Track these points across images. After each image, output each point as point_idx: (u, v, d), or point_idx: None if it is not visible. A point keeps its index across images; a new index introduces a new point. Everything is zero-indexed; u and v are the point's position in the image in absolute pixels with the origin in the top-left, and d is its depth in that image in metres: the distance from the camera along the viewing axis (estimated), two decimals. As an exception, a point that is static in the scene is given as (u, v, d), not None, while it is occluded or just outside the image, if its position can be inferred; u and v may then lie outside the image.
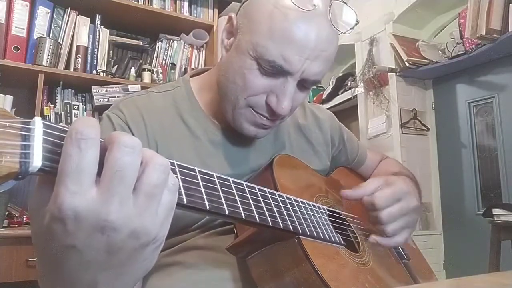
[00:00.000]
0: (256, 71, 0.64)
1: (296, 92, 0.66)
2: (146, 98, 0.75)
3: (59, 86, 2.13)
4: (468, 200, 2.46)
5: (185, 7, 2.45)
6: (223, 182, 0.47)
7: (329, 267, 0.58)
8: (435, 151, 2.68)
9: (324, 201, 0.72)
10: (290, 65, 0.62)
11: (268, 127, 0.69)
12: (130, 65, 2.32)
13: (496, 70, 2.34)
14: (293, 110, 0.70)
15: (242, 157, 0.74)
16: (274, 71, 0.63)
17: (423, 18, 2.71)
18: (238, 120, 0.68)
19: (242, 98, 0.66)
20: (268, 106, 0.65)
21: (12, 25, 1.95)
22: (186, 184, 0.41)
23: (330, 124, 0.92)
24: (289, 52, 0.61)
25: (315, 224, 0.60)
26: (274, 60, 0.61)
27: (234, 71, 0.66)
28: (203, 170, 0.44)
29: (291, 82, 0.64)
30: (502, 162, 2.29)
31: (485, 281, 0.53)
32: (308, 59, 0.62)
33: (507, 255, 1.92)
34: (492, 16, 2.01)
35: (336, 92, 3.12)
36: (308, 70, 0.63)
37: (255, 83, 0.64)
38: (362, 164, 0.98)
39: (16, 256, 1.60)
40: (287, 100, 0.64)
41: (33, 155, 0.31)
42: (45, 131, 0.32)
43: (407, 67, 2.51)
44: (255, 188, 0.52)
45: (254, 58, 0.63)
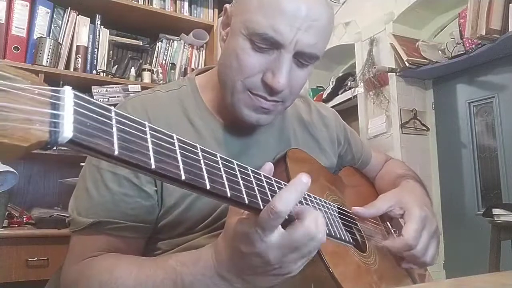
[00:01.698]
0: (250, 50, 0.63)
1: (294, 70, 0.65)
2: (152, 97, 0.75)
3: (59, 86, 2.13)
4: (468, 200, 2.46)
5: (185, 7, 2.45)
6: (242, 171, 0.47)
7: (340, 265, 0.58)
8: (435, 151, 2.68)
9: (333, 199, 0.72)
10: (282, 35, 0.60)
11: (268, 111, 0.67)
12: (130, 65, 2.32)
13: (496, 70, 2.34)
14: (295, 91, 0.68)
15: (248, 155, 0.74)
16: (266, 45, 0.62)
17: (423, 18, 2.71)
18: (238, 107, 0.67)
19: (239, 81, 0.65)
20: (265, 84, 0.64)
21: (12, 25, 1.95)
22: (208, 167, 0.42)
23: (335, 122, 0.91)
24: (279, 22, 0.60)
25: (327, 221, 0.60)
26: (265, 32, 0.60)
27: (229, 55, 0.66)
28: (224, 157, 0.45)
29: (285, 55, 0.62)
30: (502, 162, 2.29)
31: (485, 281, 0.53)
32: (300, 29, 0.61)
33: (507, 255, 1.92)
34: (492, 16, 2.01)
35: (336, 92, 3.12)
36: (301, 41, 0.61)
37: (249, 62, 0.63)
38: (367, 164, 0.98)
39: (16, 256, 1.60)
40: (283, 74, 0.62)
41: (63, 125, 0.30)
42: (75, 101, 0.32)
43: (407, 67, 2.51)
44: (272, 179, 0.52)
45: (246, 36, 0.62)
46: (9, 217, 1.77)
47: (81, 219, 0.65)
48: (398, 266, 0.71)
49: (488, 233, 1.90)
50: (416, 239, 0.67)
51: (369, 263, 0.67)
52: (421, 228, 0.68)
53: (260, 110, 0.67)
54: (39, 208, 1.97)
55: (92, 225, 0.64)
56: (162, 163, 0.37)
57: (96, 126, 0.33)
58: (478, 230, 2.25)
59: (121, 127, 0.35)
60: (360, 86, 2.85)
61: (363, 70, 2.79)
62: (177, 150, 0.40)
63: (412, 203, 0.71)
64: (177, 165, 0.39)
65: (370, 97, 2.77)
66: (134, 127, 0.37)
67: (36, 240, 1.64)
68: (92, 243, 0.65)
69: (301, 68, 0.66)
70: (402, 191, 0.77)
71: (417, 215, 0.69)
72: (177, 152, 0.40)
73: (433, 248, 0.70)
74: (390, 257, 0.72)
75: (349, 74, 3.13)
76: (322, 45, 0.65)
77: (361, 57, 2.90)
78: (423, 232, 0.68)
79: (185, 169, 0.39)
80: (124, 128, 0.36)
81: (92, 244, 0.65)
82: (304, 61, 0.65)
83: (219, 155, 0.45)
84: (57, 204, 2.07)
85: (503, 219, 1.85)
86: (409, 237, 0.66)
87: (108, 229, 0.64)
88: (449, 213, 2.57)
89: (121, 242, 0.65)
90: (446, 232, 2.56)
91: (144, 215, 0.66)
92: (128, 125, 0.37)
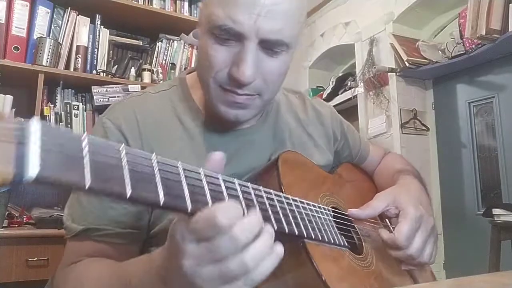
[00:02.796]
0: (215, 45, 0.61)
1: (264, 60, 0.63)
2: (142, 100, 0.74)
3: (59, 86, 2.13)
4: (468, 200, 2.46)
5: (185, 7, 2.45)
6: (228, 184, 0.45)
7: (333, 271, 0.57)
8: (435, 151, 2.68)
9: (329, 200, 0.71)
10: (241, 25, 0.58)
11: (244, 105, 0.65)
12: (130, 65, 2.32)
13: (496, 70, 2.34)
14: (271, 82, 0.65)
15: (240, 155, 0.73)
16: (229, 37, 0.60)
17: (423, 18, 2.71)
18: (215, 104, 0.66)
19: (210, 78, 0.64)
20: (232, 77, 0.61)
21: (12, 25, 1.95)
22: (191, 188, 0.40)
23: (331, 118, 0.90)
24: (237, 11, 0.58)
25: (320, 227, 0.59)
26: (223, 23, 0.59)
27: (200, 53, 0.66)
28: (208, 172, 0.44)
29: (248, 45, 0.60)
30: (502, 162, 2.29)
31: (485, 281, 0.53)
32: (259, 16, 0.58)
33: (507, 255, 1.92)
34: (492, 16, 2.01)
35: (336, 92, 3.12)
36: (262, 28, 0.59)
37: (215, 57, 0.62)
38: (365, 159, 0.96)
39: (16, 256, 1.60)
40: (248, 65, 0.60)
41: (28, 162, 0.28)
42: (42, 135, 0.30)
43: (407, 67, 2.51)
44: (261, 190, 0.51)
45: (209, 31, 0.61)
46: (9, 217, 1.77)
47: (73, 225, 0.66)
48: (397, 265, 0.71)
49: (488, 233, 1.90)
50: (409, 239, 0.65)
51: (365, 265, 0.66)
52: (415, 228, 0.67)
53: (234, 105, 0.65)
54: (39, 208, 1.97)
55: (82, 232, 0.65)
56: (138, 190, 0.35)
57: (65, 160, 0.31)
58: (478, 230, 2.25)
59: (93, 157, 0.33)
60: (360, 86, 2.85)
61: (363, 70, 2.79)
62: (156, 173, 0.38)
63: (407, 202, 0.70)
64: (155, 189, 0.37)
65: (370, 97, 2.77)
66: (109, 155, 0.35)
67: (36, 240, 1.64)
68: (81, 249, 0.65)
69: (272, 57, 0.63)
70: (398, 189, 0.75)
71: (412, 215, 0.67)
72: (156, 175, 0.38)
73: (430, 248, 0.69)
74: (388, 257, 0.71)
75: (349, 74, 3.13)
76: (289, 30, 0.62)
77: (361, 57, 2.90)
78: (417, 232, 0.67)
79: (165, 192, 0.37)
80: (96, 158, 0.33)
81: (81, 250, 0.65)
82: (271, 47, 0.62)
83: (203, 170, 0.43)
84: (57, 204, 2.07)
85: (503, 219, 1.85)
86: (401, 237, 0.65)
87: (97, 236, 0.64)
88: (449, 213, 2.57)
89: (111, 249, 0.65)
90: (446, 232, 2.56)
91: (133, 222, 0.66)
92: (101, 153, 0.34)
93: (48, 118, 2.00)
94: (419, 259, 0.67)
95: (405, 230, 0.65)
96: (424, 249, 0.68)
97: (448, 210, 2.58)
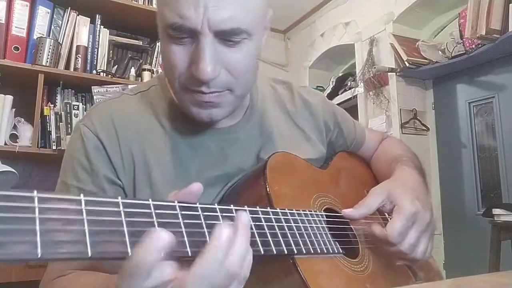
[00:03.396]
0: (172, 46, 0.59)
1: (224, 52, 0.59)
2: (119, 103, 0.71)
3: (59, 86, 2.13)
4: (468, 200, 2.46)
5: (185, 7, 2.45)
6: (207, 214, 0.44)
7: (324, 284, 0.56)
8: (435, 151, 2.68)
9: (323, 201, 0.70)
10: (189, 20, 0.56)
11: (215, 104, 0.62)
12: (130, 65, 2.32)
13: (496, 70, 2.34)
14: (238, 74, 0.61)
15: (225, 155, 0.69)
16: (182, 35, 0.58)
17: (423, 18, 2.71)
18: (186, 107, 0.63)
19: (176, 82, 0.61)
20: (194, 77, 0.58)
21: (12, 25, 1.95)
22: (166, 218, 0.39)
23: (322, 107, 0.85)
24: (182, 7, 0.56)
25: (312, 239, 0.57)
26: (173, 21, 0.57)
27: (163, 60, 0.64)
28: (183, 204, 0.42)
29: (203, 40, 0.57)
30: (502, 162, 2.29)
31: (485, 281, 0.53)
32: (207, 7, 0.55)
33: (507, 255, 1.92)
34: (492, 16, 2.01)
35: (336, 92, 3.13)
36: (213, 19, 0.55)
37: (174, 59, 0.59)
38: (362, 145, 0.93)
39: (16, 256, 1.60)
40: (206, 61, 0.56)
41: None
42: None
43: (407, 67, 2.51)
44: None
45: (164, 32, 0.60)
46: (9, 217, 1.77)
47: None
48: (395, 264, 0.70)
49: (488, 233, 1.90)
50: (401, 235, 0.64)
51: (360, 269, 0.65)
52: (408, 224, 0.65)
53: (205, 105, 0.62)
54: (39, 208, 1.97)
55: None
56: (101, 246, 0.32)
57: (13, 229, 0.28)
58: (478, 230, 2.25)
59: (45, 218, 0.30)
60: (360, 86, 2.85)
61: (363, 70, 2.79)
62: (123, 221, 0.35)
63: (402, 197, 0.68)
64: (122, 240, 0.34)
65: (370, 97, 2.77)
66: (66, 209, 0.32)
67: (36, 240, 1.64)
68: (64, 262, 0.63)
69: (233, 47, 0.59)
70: (394, 183, 0.73)
71: (407, 211, 0.66)
72: (123, 223, 0.35)
73: (424, 244, 0.68)
74: (385, 256, 0.70)
75: (349, 74, 3.13)
76: (245, 16, 0.58)
77: (361, 57, 2.90)
78: (411, 228, 0.66)
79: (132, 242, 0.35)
80: (48, 218, 0.30)
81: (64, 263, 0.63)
82: (228, 37, 0.58)
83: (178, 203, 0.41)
84: (57, 204, 2.07)
85: (503, 219, 1.85)
86: (393, 233, 0.63)
87: None
88: (449, 213, 2.57)
89: None
90: (446, 232, 2.56)
91: None
92: (55, 212, 0.31)
93: (48, 118, 2.00)
94: (412, 254, 0.66)
95: (398, 226, 0.64)
96: (418, 245, 0.67)
97: (448, 210, 2.58)
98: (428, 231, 0.69)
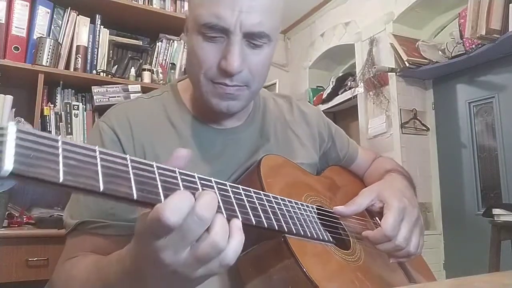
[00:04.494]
0: (203, 43, 0.67)
1: (249, 53, 0.67)
2: (135, 104, 0.80)
3: (59, 86, 2.13)
4: (468, 200, 2.47)
5: (185, 7, 2.45)
6: (204, 183, 0.48)
7: (316, 265, 0.58)
8: (435, 151, 2.69)
9: (313, 200, 0.72)
10: (225, 21, 0.64)
11: (234, 96, 0.70)
12: (130, 65, 2.32)
13: (496, 70, 2.35)
14: (256, 73, 0.70)
15: (227, 153, 0.76)
16: (215, 33, 0.65)
17: (423, 18, 2.71)
18: (207, 98, 0.70)
19: (201, 75, 0.68)
20: (222, 70, 0.66)
21: (12, 25, 1.95)
22: (165, 184, 0.43)
23: (317, 119, 0.93)
24: (220, 9, 0.63)
25: (302, 223, 0.60)
26: (209, 21, 0.64)
27: (189, 54, 0.71)
28: (184, 171, 0.46)
29: (233, 39, 0.65)
30: (502, 162, 2.29)
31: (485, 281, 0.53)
32: (241, 11, 0.63)
33: (507, 255, 1.92)
34: (492, 16, 2.01)
35: (336, 92, 3.13)
36: (245, 22, 0.64)
37: (204, 55, 0.67)
38: (354, 161, 0.99)
39: (16, 256, 1.60)
40: (235, 56, 0.65)
41: (3, 159, 0.31)
42: (18, 136, 0.33)
43: (407, 67, 2.51)
44: (239, 188, 0.52)
45: (197, 31, 0.67)
46: (9, 217, 1.77)
47: (70, 221, 0.69)
48: (386, 261, 0.71)
49: (488, 233, 1.90)
50: (394, 229, 0.68)
51: (353, 260, 0.67)
52: (399, 219, 0.69)
53: (225, 96, 0.69)
54: (39, 208, 1.97)
55: (78, 226, 0.67)
56: (111, 184, 0.38)
57: (40, 157, 0.34)
58: (478, 230, 2.26)
59: (68, 155, 0.36)
60: (360, 86, 2.86)
61: (363, 70, 2.79)
62: (129, 170, 0.41)
63: (390, 196, 0.73)
64: (128, 185, 0.40)
65: (370, 97, 2.77)
66: (83, 153, 0.38)
67: (36, 240, 1.63)
68: (77, 244, 0.68)
69: (256, 49, 0.68)
70: (382, 185, 0.78)
71: (396, 207, 0.70)
72: (130, 172, 0.41)
73: (415, 238, 0.71)
74: (378, 253, 0.72)
75: (349, 74, 3.13)
76: (270, 23, 0.67)
77: (361, 57, 2.90)
78: (402, 223, 0.70)
79: (138, 188, 0.40)
80: (71, 155, 0.37)
81: (76, 245, 0.68)
82: (256, 41, 0.67)
83: (178, 170, 0.46)
84: (57, 204, 2.07)
85: (503, 219, 1.85)
86: (387, 228, 0.67)
87: (92, 229, 0.67)
88: (449, 213, 2.57)
89: (107, 241, 0.66)
90: (446, 232, 2.56)
91: (125, 214, 0.67)
92: (75, 152, 0.37)
93: (48, 118, 2.00)
94: (406, 248, 0.69)
95: (390, 221, 0.68)
96: (411, 238, 0.70)
97: (448, 210, 2.58)
98: (417, 226, 0.73)
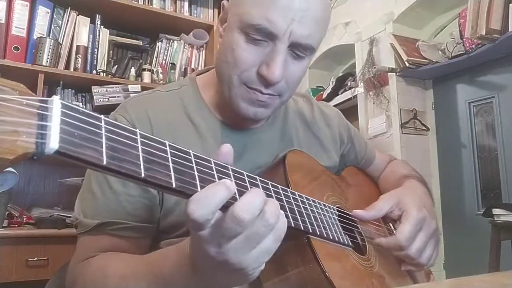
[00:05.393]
0: (245, 44, 0.63)
1: (290, 63, 0.65)
2: (152, 98, 0.76)
3: (59, 86, 2.13)
4: (468, 200, 2.46)
5: (185, 7, 2.45)
6: (237, 175, 0.46)
7: (336, 269, 0.57)
8: (435, 151, 2.68)
9: (334, 201, 0.72)
10: (276, 26, 0.60)
11: (265, 104, 0.67)
12: (130, 65, 2.32)
13: (496, 70, 2.34)
14: (291, 84, 0.67)
15: (248, 153, 0.74)
16: (261, 37, 0.61)
17: (423, 18, 2.71)
18: (235, 101, 0.67)
19: (235, 76, 0.65)
20: (261, 76, 0.63)
21: (12, 25, 1.95)
22: (201, 174, 0.42)
23: (338, 121, 0.91)
24: (273, 13, 0.60)
25: (325, 225, 0.59)
26: (259, 23, 0.60)
27: (225, 50, 0.66)
28: (218, 162, 0.45)
29: (280, 47, 0.61)
30: (502, 162, 2.29)
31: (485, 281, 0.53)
32: (294, 20, 0.60)
33: (507, 255, 1.92)
34: (492, 16, 2.01)
35: (336, 92, 3.12)
36: (295, 32, 0.61)
37: (244, 56, 0.63)
38: (371, 164, 0.98)
39: (16, 256, 1.60)
40: (278, 65, 0.61)
41: (50, 136, 0.30)
42: (63, 111, 0.32)
43: (407, 67, 2.50)
44: (269, 183, 0.51)
45: (240, 29, 0.63)
46: (9, 217, 1.77)
47: (87, 221, 0.66)
48: (399, 268, 0.71)
49: (488, 233, 1.90)
50: (409, 240, 0.66)
51: (368, 265, 0.67)
52: (416, 229, 0.68)
53: (256, 103, 0.66)
54: (39, 208, 1.97)
55: (97, 226, 0.65)
56: (152, 171, 0.37)
57: (84, 136, 0.33)
58: (478, 230, 2.25)
59: (110, 136, 0.35)
60: (360, 86, 2.85)
61: (363, 70, 2.79)
62: (169, 157, 0.40)
63: (411, 204, 0.71)
64: (168, 173, 0.38)
65: (370, 97, 2.77)
66: (124, 135, 0.37)
67: (36, 240, 1.63)
68: (96, 243, 0.66)
69: (297, 60, 0.65)
70: (403, 191, 0.76)
71: (414, 216, 0.68)
72: (169, 159, 0.39)
73: (430, 250, 0.70)
74: (391, 260, 0.71)
75: (349, 74, 3.12)
76: (317, 36, 0.64)
77: (361, 57, 2.90)
78: (419, 233, 0.68)
79: (176, 177, 0.39)
80: (113, 137, 0.35)
81: (96, 245, 0.66)
82: (300, 52, 0.64)
83: (213, 160, 0.45)
84: (57, 204, 2.06)
85: (503, 219, 1.85)
86: (402, 238, 0.65)
87: (113, 230, 0.65)
88: (449, 213, 2.57)
89: (126, 242, 0.66)
90: (446, 232, 2.56)
91: (147, 215, 0.67)
92: (118, 134, 0.36)
93: (48, 118, 2.00)
94: (418, 260, 0.68)
95: (406, 231, 0.66)
96: (424, 251, 0.68)
97: (448, 210, 2.58)
98: (434, 238, 0.71)
